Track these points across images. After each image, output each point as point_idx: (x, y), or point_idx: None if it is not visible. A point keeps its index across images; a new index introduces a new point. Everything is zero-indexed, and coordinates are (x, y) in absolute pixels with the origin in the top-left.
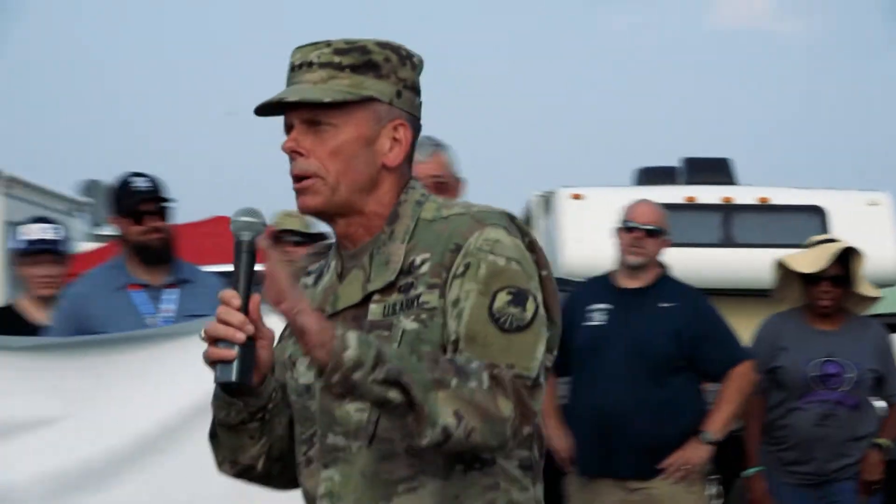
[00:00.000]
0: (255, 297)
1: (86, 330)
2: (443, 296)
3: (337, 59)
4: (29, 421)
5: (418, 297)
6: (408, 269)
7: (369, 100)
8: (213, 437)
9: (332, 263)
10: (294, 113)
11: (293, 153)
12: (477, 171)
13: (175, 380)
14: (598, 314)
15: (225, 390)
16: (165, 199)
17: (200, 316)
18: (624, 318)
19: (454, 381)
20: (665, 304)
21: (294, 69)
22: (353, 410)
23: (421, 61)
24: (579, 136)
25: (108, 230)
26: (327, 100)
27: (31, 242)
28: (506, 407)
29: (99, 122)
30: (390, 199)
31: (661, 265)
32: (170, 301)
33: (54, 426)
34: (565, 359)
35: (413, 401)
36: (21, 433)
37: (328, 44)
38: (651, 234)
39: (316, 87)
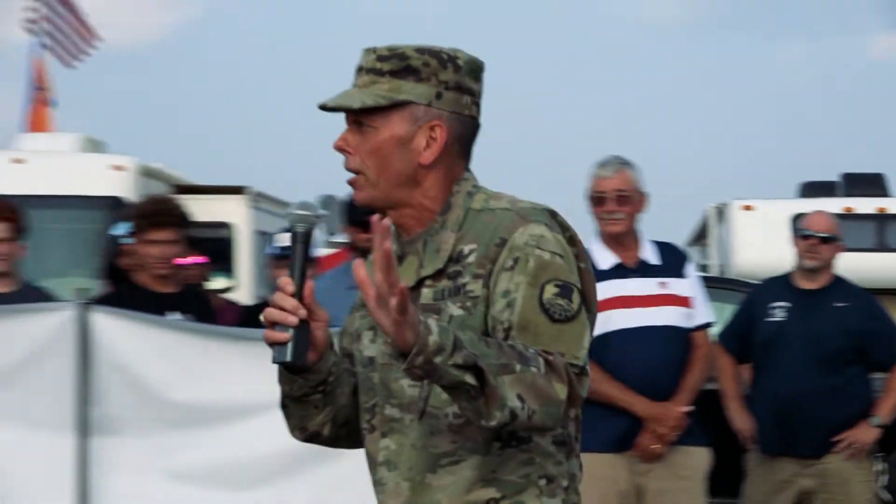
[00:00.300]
0: (309, 283)
1: None
2: (486, 286)
3: (378, 65)
4: (271, 402)
5: (464, 285)
6: (457, 258)
7: (406, 103)
8: (284, 407)
9: (393, 248)
10: (348, 114)
11: (341, 151)
12: (659, 185)
13: None
14: (778, 311)
15: (286, 368)
16: None
17: None
18: (802, 316)
19: (518, 367)
20: (839, 304)
21: (356, 72)
22: (408, 385)
23: (468, 62)
24: (750, 153)
25: (341, 238)
26: (356, 106)
27: (284, 248)
28: (561, 390)
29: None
30: (436, 192)
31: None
32: None
33: None
34: (747, 349)
35: (486, 383)
36: (264, 412)
37: (374, 50)
38: (825, 241)
39: (358, 92)
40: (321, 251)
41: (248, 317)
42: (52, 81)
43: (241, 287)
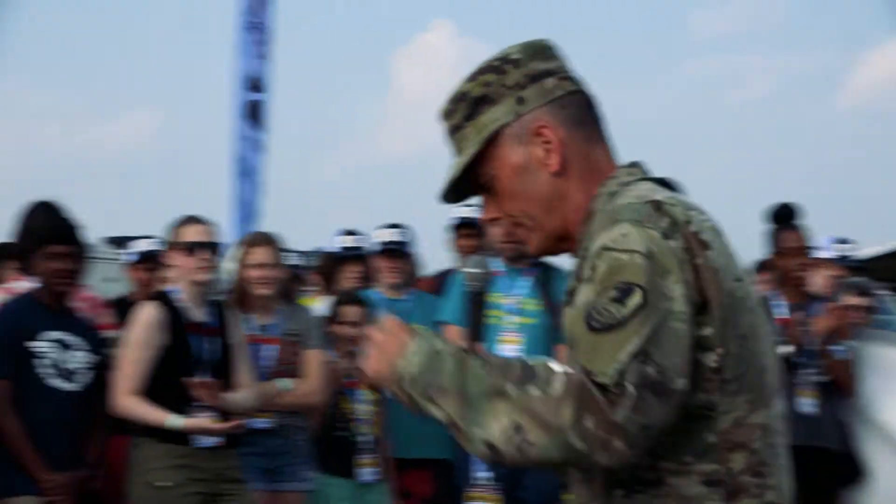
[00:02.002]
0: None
1: None
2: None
3: (451, 121)
4: None
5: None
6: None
7: (497, 132)
8: None
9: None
10: (468, 186)
11: (490, 222)
12: None
13: None
14: None
15: None
16: None
17: None
18: None
19: (513, 390)
20: None
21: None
22: None
23: (523, 50)
24: None
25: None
26: (457, 173)
27: None
28: (567, 414)
29: None
30: (578, 200)
31: None
32: None
33: None
34: None
35: (448, 415)
36: None
37: (441, 112)
38: None
39: (456, 163)
40: None
41: None
42: None
43: None
